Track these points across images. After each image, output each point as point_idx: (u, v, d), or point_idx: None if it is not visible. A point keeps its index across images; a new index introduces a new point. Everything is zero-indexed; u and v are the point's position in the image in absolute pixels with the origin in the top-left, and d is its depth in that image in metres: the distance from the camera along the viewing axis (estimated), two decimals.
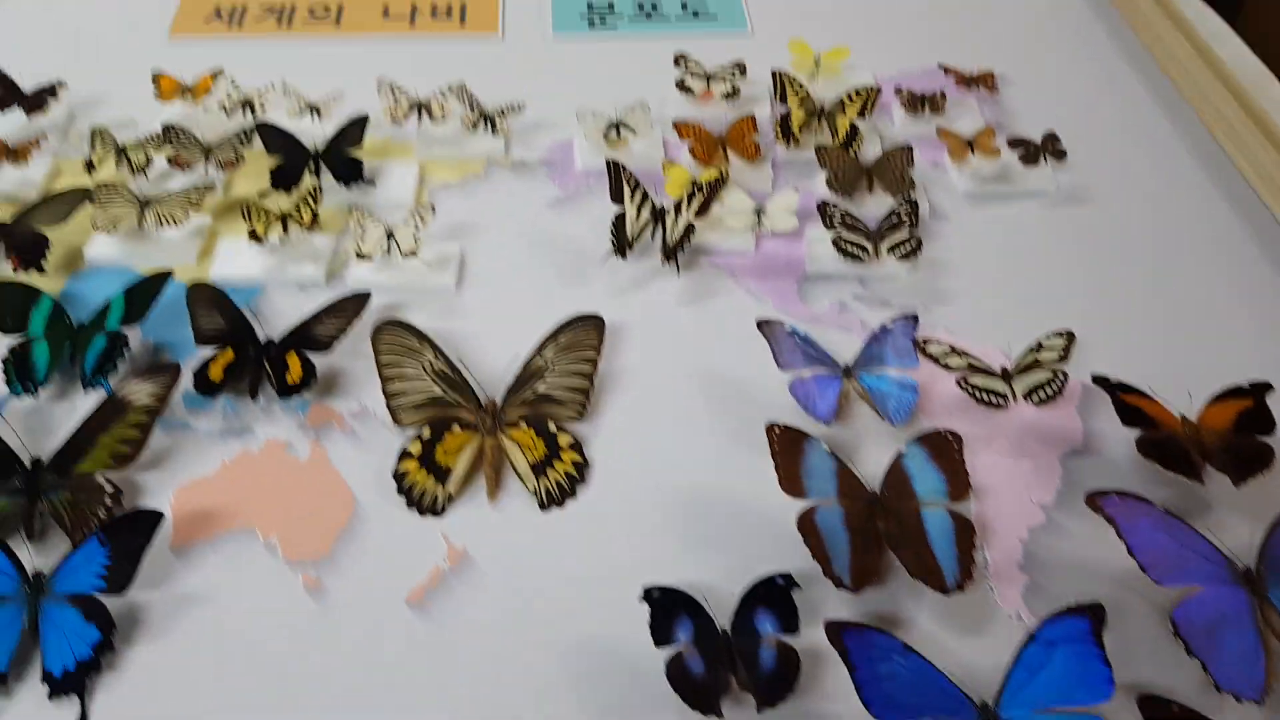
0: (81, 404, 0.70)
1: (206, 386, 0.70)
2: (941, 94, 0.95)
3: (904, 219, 0.81)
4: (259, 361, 0.72)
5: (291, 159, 0.86)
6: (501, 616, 0.62)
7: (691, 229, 0.81)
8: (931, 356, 0.71)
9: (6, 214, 0.81)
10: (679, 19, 1.09)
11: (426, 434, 0.68)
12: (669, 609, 0.58)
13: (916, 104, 0.94)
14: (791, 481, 0.64)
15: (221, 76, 0.94)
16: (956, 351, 0.72)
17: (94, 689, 0.57)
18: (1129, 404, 0.68)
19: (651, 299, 0.80)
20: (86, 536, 0.60)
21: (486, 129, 0.91)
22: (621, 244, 0.81)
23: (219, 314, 0.73)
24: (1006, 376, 0.71)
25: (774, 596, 0.58)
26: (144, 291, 0.75)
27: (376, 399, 0.71)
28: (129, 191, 0.82)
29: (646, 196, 0.82)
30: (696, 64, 0.97)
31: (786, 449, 0.65)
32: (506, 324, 0.76)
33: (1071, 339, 0.72)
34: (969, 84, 0.98)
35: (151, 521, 0.61)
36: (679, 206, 0.81)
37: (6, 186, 0.86)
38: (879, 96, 0.92)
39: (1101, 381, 0.70)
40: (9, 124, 0.91)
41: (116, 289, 0.75)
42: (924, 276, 0.82)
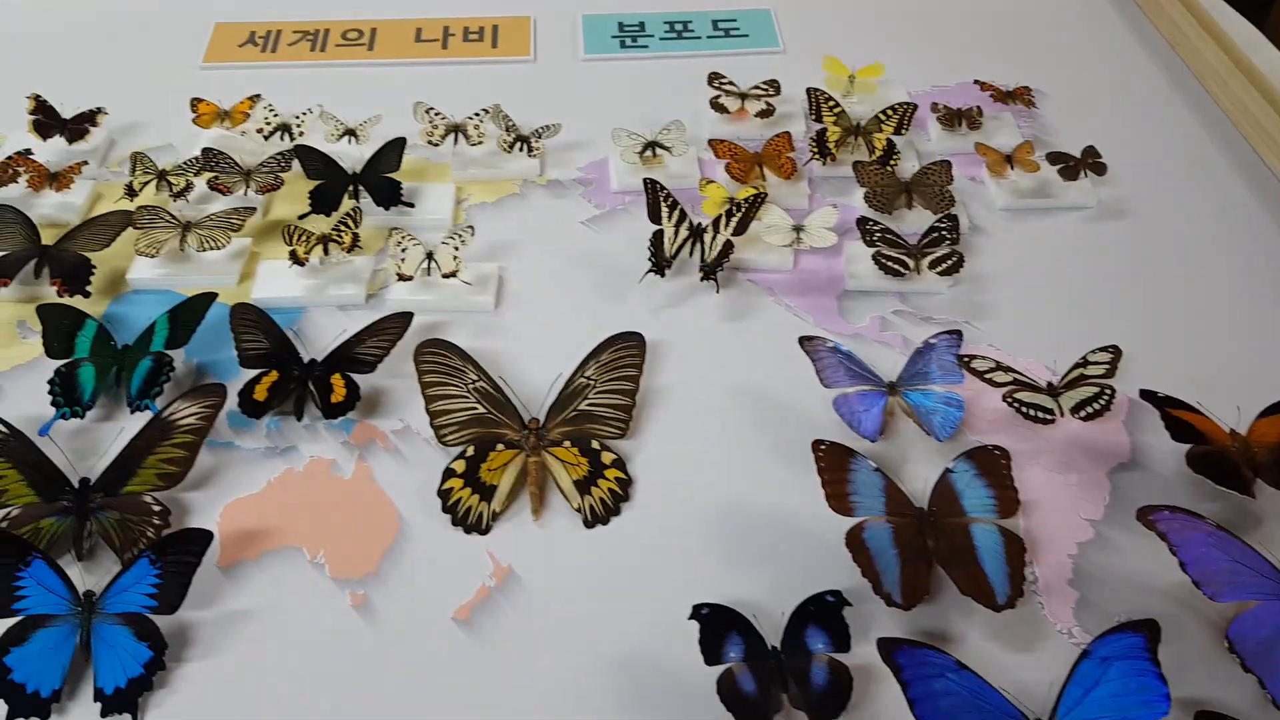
0: (128, 425, 0.71)
1: (252, 407, 0.71)
2: (978, 109, 0.95)
3: (945, 234, 0.81)
4: (303, 382, 0.72)
5: (331, 182, 0.87)
6: (549, 634, 0.61)
7: (730, 246, 0.81)
8: (977, 372, 0.71)
9: (49, 238, 0.82)
10: (710, 38, 1.10)
11: (470, 452, 0.69)
12: (719, 627, 0.58)
13: (953, 119, 0.94)
14: (839, 499, 0.63)
15: (259, 101, 0.95)
16: (1002, 367, 0.71)
17: (145, 706, 0.58)
18: (1178, 418, 0.68)
19: (690, 316, 0.80)
20: (135, 556, 0.60)
21: (522, 150, 0.92)
22: (660, 262, 0.81)
23: (263, 335, 0.74)
24: (1053, 392, 0.70)
25: (824, 614, 0.58)
26: (189, 314, 0.75)
27: (420, 417, 0.71)
28: (170, 215, 0.83)
29: (684, 214, 0.82)
30: (731, 82, 0.98)
31: (833, 466, 0.64)
32: (545, 342, 0.77)
33: (1118, 354, 0.71)
34: (1005, 99, 0.97)
35: (202, 541, 0.61)
36: (717, 224, 0.81)
37: (48, 211, 0.87)
38: (915, 112, 0.92)
39: (1149, 396, 0.69)
40: (51, 150, 0.92)
41: (160, 311, 0.75)
42: (964, 291, 0.82)
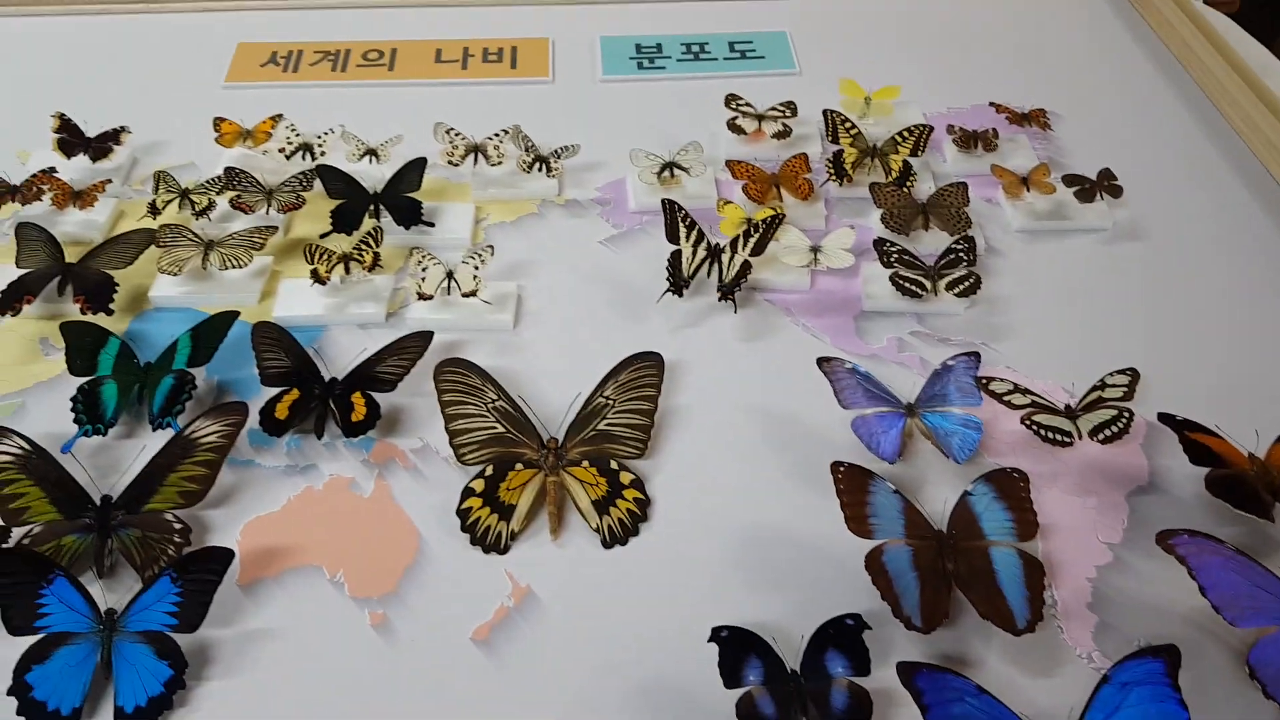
0: (149, 443, 0.71)
1: (273, 425, 0.71)
2: (993, 131, 0.95)
3: (962, 255, 0.81)
4: (324, 400, 0.73)
5: (352, 201, 0.88)
6: (567, 655, 0.61)
7: (748, 266, 0.81)
8: (995, 394, 0.71)
9: (73, 256, 0.83)
10: (727, 59, 1.10)
11: (489, 471, 0.69)
12: (738, 650, 0.58)
13: (969, 141, 0.95)
14: (858, 521, 0.63)
15: (281, 120, 0.96)
16: (1020, 389, 0.71)
17: None
18: (1196, 442, 0.68)
19: (708, 336, 0.80)
20: (156, 574, 0.61)
21: (541, 170, 0.92)
22: (678, 282, 0.81)
23: (284, 353, 0.75)
24: (1071, 414, 0.70)
25: (844, 637, 0.58)
26: (211, 332, 0.76)
27: (439, 436, 0.71)
28: (192, 233, 0.83)
29: (702, 235, 0.82)
30: (748, 104, 0.98)
31: (852, 488, 0.64)
32: (563, 361, 0.77)
33: (1136, 377, 0.71)
34: (1020, 121, 0.98)
35: (223, 559, 0.61)
36: (735, 244, 0.82)
37: (71, 229, 0.88)
38: (931, 134, 0.92)
39: (1168, 419, 0.69)
40: (75, 169, 0.93)
41: (182, 329, 0.76)
42: (980, 312, 0.82)
